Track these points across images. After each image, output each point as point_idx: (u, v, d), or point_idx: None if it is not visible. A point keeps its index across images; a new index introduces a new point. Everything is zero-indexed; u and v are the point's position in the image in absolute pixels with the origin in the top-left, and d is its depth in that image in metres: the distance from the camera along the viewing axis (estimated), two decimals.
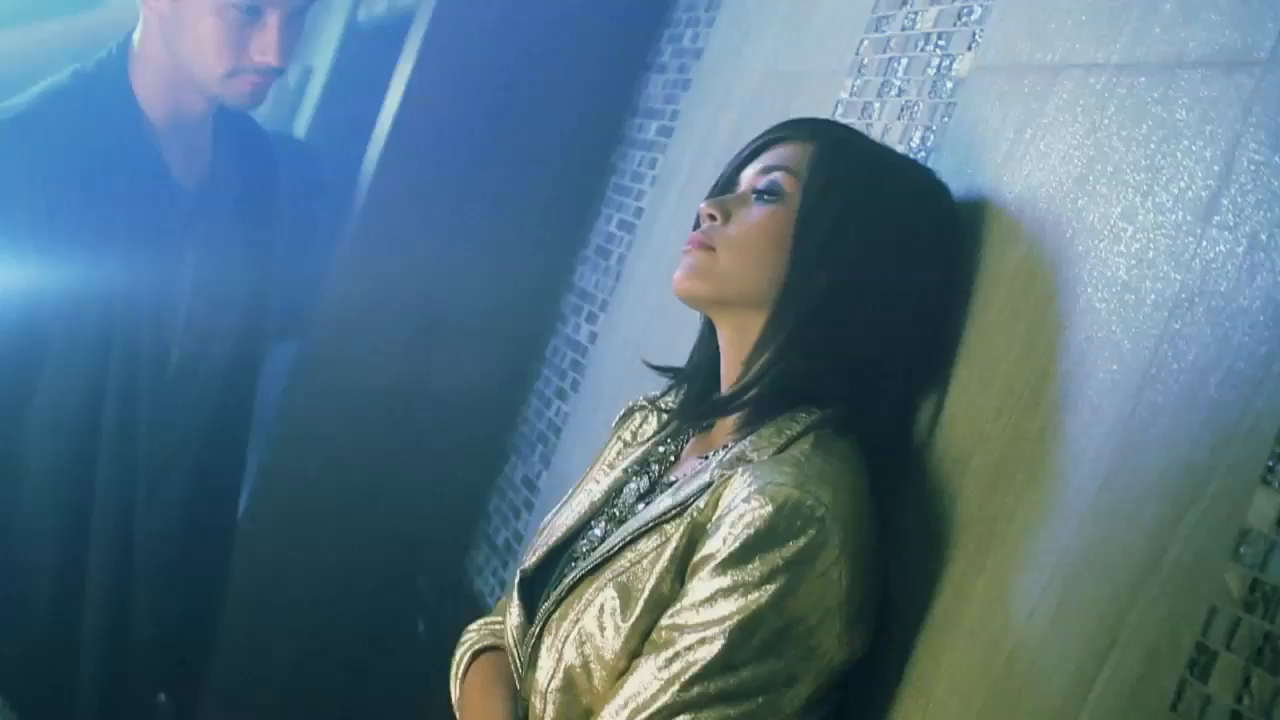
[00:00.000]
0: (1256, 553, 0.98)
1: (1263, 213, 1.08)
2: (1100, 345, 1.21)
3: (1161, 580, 1.05)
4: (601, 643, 1.30)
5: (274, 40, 1.86)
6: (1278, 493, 0.98)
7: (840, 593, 1.23)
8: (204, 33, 1.87)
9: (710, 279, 1.40)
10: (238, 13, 1.85)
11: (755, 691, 1.21)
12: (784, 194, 1.39)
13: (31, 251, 1.84)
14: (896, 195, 1.40)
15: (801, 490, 1.23)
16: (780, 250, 1.37)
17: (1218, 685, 0.97)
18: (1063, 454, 1.21)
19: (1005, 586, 1.22)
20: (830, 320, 1.35)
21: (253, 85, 1.90)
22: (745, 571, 1.22)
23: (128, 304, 1.91)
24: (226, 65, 1.88)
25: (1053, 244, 1.32)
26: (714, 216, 1.41)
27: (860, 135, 1.48)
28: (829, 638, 1.24)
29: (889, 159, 1.45)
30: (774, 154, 1.43)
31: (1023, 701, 1.14)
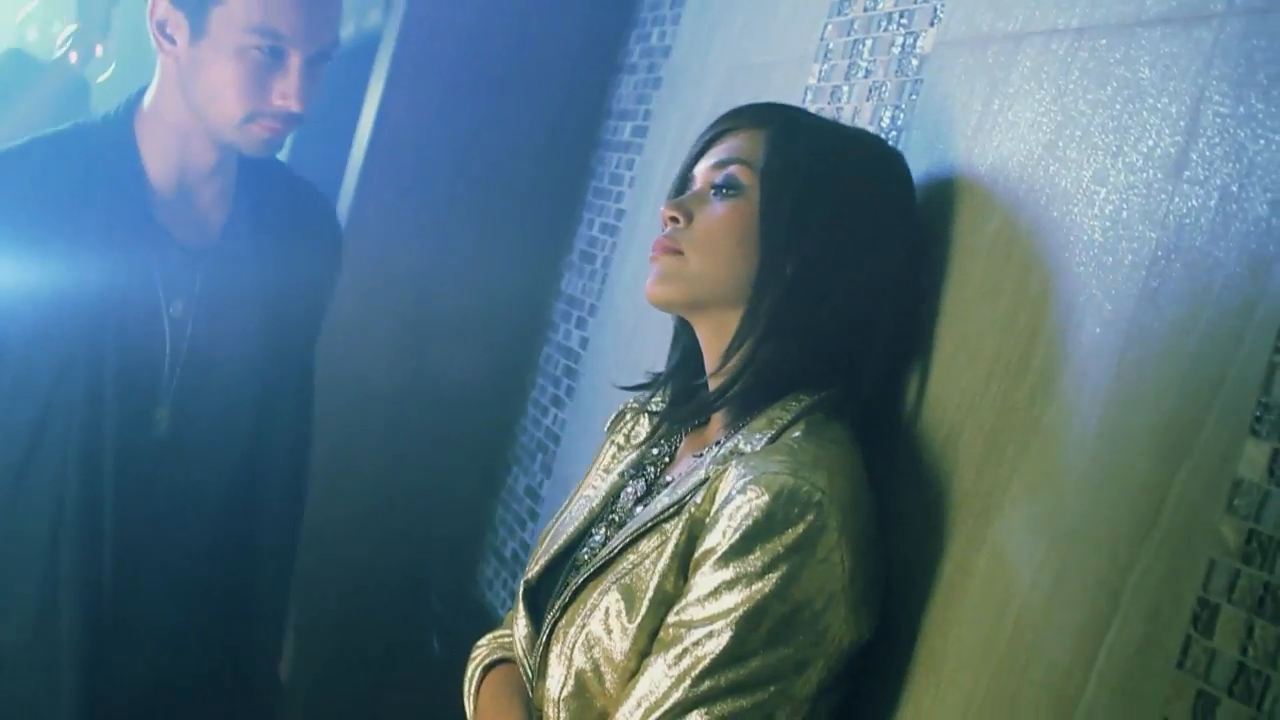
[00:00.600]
0: (1250, 503, 0.98)
1: (1231, 164, 1.08)
2: (1081, 309, 1.21)
3: (1159, 539, 1.05)
4: (610, 646, 1.30)
5: (295, 84, 1.78)
6: (1266, 442, 0.98)
7: (843, 575, 1.23)
8: (223, 76, 1.80)
9: (681, 283, 1.39)
10: (259, 55, 1.78)
11: (766, 680, 1.21)
12: (742, 187, 1.38)
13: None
14: (853, 170, 1.39)
15: (796, 477, 1.23)
16: (747, 245, 1.36)
17: (1222, 639, 0.97)
18: (1052, 420, 1.21)
19: (1005, 557, 1.22)
20: (805, 306, 1.35)
21: (270, 131, 1.82)
22: (747, 562, 1.22)
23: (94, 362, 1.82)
24: (245, 109, 1.80)
25: (1028, 212, 1.32)
26: (676, 219, 1.40)
27: (808, 114, 1.46)
28: (836, 621, 1.24)
29: (840, 134, 1.44)
30: (726, 146, 1.42)
31: (1030, 671, 1.14)
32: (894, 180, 1.43)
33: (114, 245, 1.84)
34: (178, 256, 1.88)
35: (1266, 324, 1.00)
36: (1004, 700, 1.16)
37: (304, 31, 1.78)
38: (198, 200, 1.91)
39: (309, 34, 1.78)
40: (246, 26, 1.77)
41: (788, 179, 1.36)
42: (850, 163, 1.39)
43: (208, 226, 1.92)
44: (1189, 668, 0.99)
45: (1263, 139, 1.05)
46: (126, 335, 1.84)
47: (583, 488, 1.54)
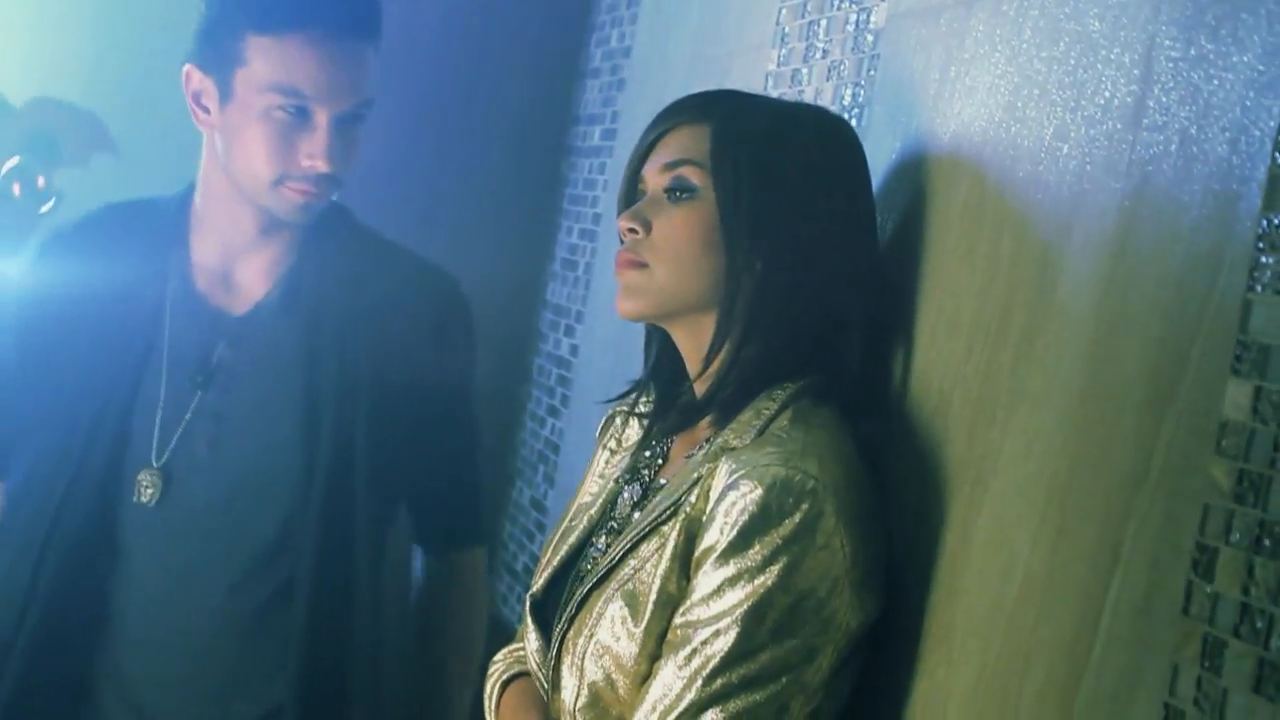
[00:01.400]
0: (1238, 443, 0.98)
1: (1188, 108, 1.08)
2: (1055, 267, 1.21)
3: (1152, 488, 1.05)
4: (619, 652, 1.30)
5: (322, 143, 1.73)
6: (1248, 380, 0.97)
7: (845, 559, 1.23)
8: (251, 139, 1.75)
9: (650, 295, 1.37)
10: (284, 115, 1.73)
11: (777, 673, 1.21)
12: (696, 189, 1.36)
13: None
14: (804, 149, 1.38)
15: (788, 467, 1.23)
16: (711, 247, 1.35)
17: (1224, 581, 0.97)
18: (1037, 381, 1.21)
19: (1005, 521, 1.22)
20: (781, 298, 1.34)
21: (303, 195, 1.76)
22: (747, 557, 1.22)
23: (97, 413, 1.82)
24: (274, 172, 1.75)
25: (994, 175, 1.32)
26: (634, 230, 1.38)
27: (748, 97, 1.44)
28: (841, 606, 1.23)
29: (784, 114, 1.41)
30: (672, 146, 1.39)
31: (1039, 631, 1.14)
32: (845, 149, 1.41)
33: (139, 307, 1.85)
34: (204, 322, 1.84)
35: (1237, 263, 1.00)
36: (1016, 663, 1.16)
37: (328, 89, 1.73)
38: (242, 268, 1.87)
39: (334, 91, 1.73)
40: (268, 86, 1.73)
41: (741, 176, 1.34)
42: (800, 143, 1.38)
43: (246, 295, 1.87)
44: (1194, 613, 0.99)
45: (1215, 79, 1.05)
46: (132, 396, 1.83)
47: (580, 496, 1.54)
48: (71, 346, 1.85)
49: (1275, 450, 0.95)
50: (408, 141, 2.91)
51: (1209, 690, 0.96)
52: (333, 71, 1.73)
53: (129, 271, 1.87)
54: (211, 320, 1.85)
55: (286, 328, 1.84)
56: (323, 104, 1.73)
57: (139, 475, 1.81)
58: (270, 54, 1.73)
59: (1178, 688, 0.99)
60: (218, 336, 1.84)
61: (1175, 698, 0.99)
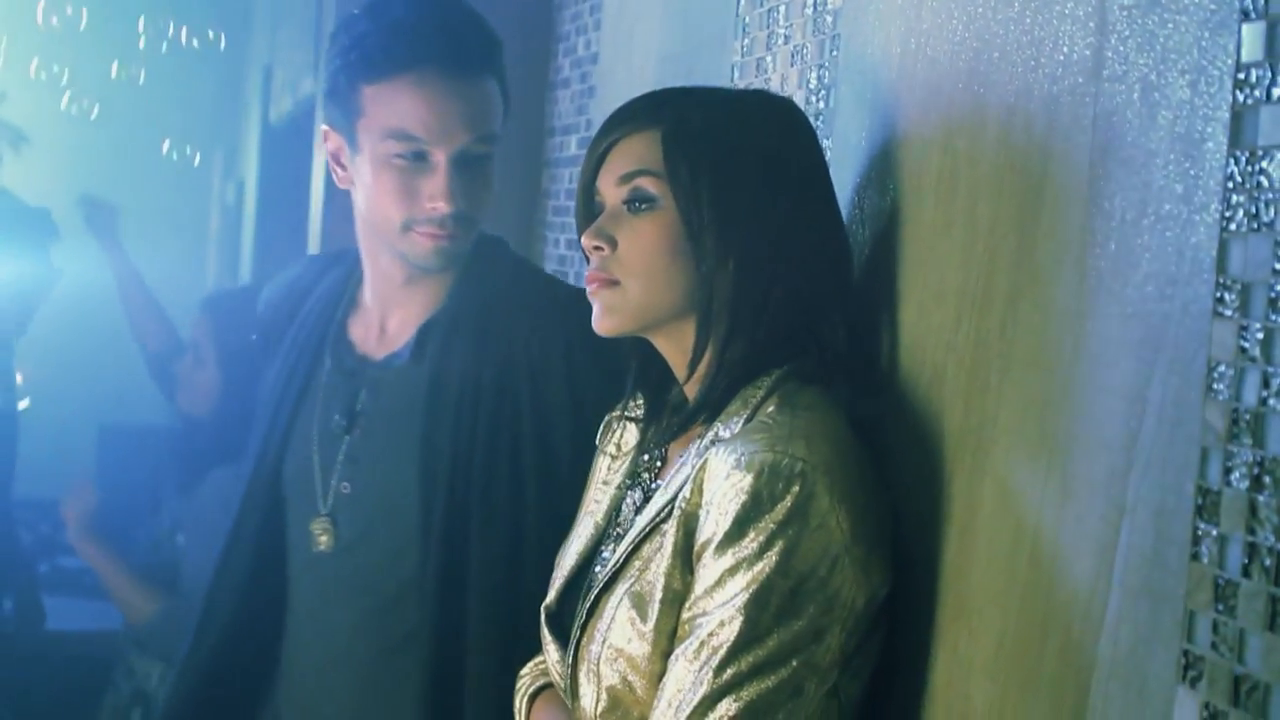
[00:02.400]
0: (1228, 384, 0.97)
1: (1146, 55, 1.07)
2: (1031, 228, 1.21)
3: (1150, 437, 1.04)
4: (633, 654, 1.30)
5: (441, 184, 1.73)
6: (1231, 320, 0.97)
7: (843, 537, 1.23)
8: (378, 187, 1.77)
9: (626, 312, 1.37)
10: (403, 161, 1.75)
11: (787, 655, 1.21)
12: (655, 198, 1.35)
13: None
14: (756, 139, 1.37)
15: (774, 452, 1.23)
16: (679, 255, 1.34)
17: (1228, 523, 0.96)
18: (1026, 343, 1.20)
19: (1009, 486, 1.21)
20: (756, 292, 1.34)
21: (433, 239, 1.77)
22: (743, 545, 1.22)
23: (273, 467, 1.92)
24: (401, 217, 1.77)
25: (964, 143, 1.32)
26: (600, 248, 1.37)
27: (691, 92, 1.42)
28: (844, 584, 1.23)
29: (730, 104, 1.40)
30: (623, 156, 1.38)
31: (1055, 593, 1.14)
32: (794, 129, 1.41)
33: (302, 353, 1.93)
34: (350, 367, 1.88)
35: (1208, 204, 1.00)
36: (1034, 629, 1.16)
37: (440, 131, 1.74)
38: (392, 317, 1.90)
39: (447, 132, 1.74)
40: (385, 133, 1.75)
41: (698, 178, 1.33)
42: (751, 132, 1.37)
43: (390, 344, 1.89)
44: (1203, 558, 0.98)
45: (1170, 23, 1.05)
46: (288, 446, 1.91)
47: (586, 504, 1.54)
48: (261, 391, 1.99)
49: (1266, 388, 0.94)
50: None
51: (1225, 634, 0.96)
52: (443, 111, 1.74)
53: (306, 318, 1.96)
54: (358, 367, 1.89)
55: (412, 377, 1.85)
56: (438, 144, 1.74)
57: (311, 524, 1.87)
58: (382, 101, 1.75)
59: (1195, 634, 0.99)
60: (361, 383, 1.87)
61: (1193, 644, 0.99)
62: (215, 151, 6.63)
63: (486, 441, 1.79)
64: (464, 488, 1.79)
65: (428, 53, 1.74)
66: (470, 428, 1.80)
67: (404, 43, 1.74)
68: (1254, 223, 0.96)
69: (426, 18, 1.77)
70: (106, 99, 6.15)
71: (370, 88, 1.76)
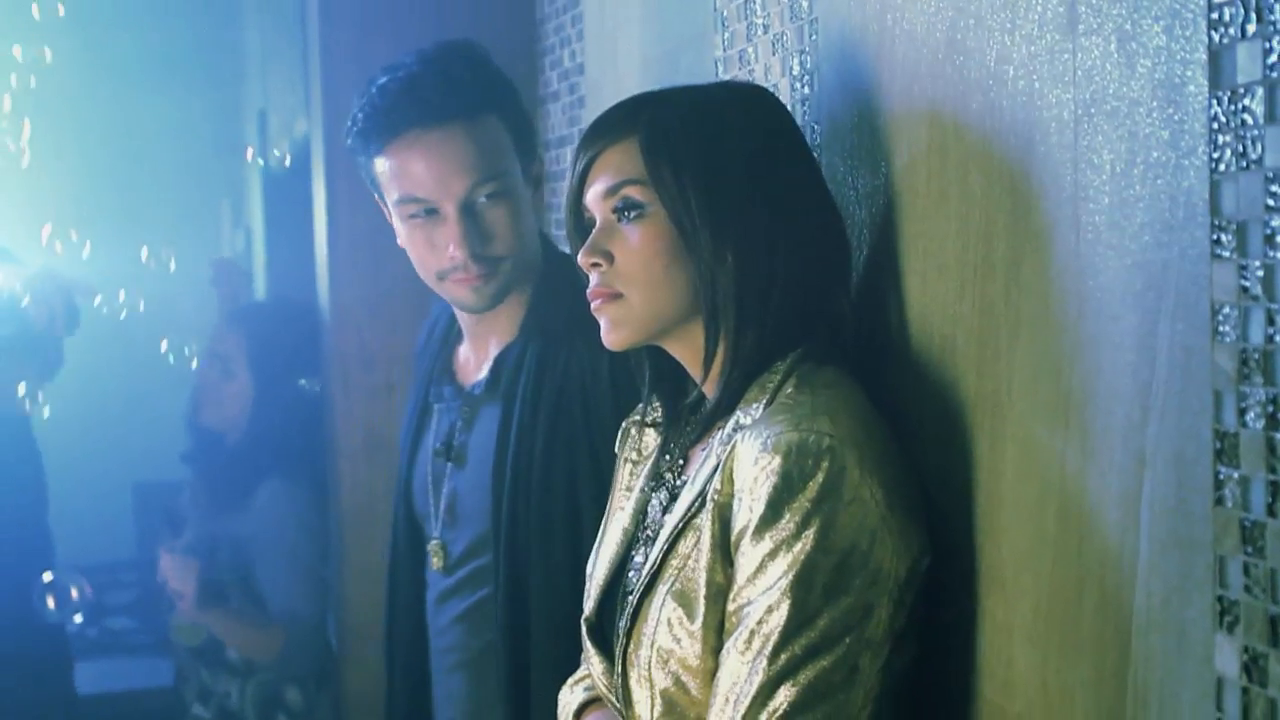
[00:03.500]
0: (1234, 326, 0.97)
1: (1119, 5, 1.07)
2: (1024, 190, 1.20)
3: (1163, 385, 1.04)
4: (683, 654, 1.30)
5: (454, 233, 1.81)
6: (1230, 261, 0.97)
7: (879, 509, 1.23)
8: (410, 248, 1.87)
9: (633, 323, 1.38)
10: (420, 219, 1.83)
11: (839, 634, 1.21)
12: (644, 206, 1.36)
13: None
14: (734, 131, 1.37)
15: (800, 430, 1.23)
16: (677, 258, 1.35)
17: (1248, 464, 0.96)
18: (1032, 305, 1.20)
19: (1029, 449, 1.21)
20: (759, 282, 1.34)
21: (465, 283, 1.84)
22: (780, 528, 1.22)
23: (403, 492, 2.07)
24: (434, 269, 1.85)
25: (949, 112, 1.32)
26: (598, 264, 1.38)
27: (663, 94, 1.42)
28: (885, 555, 1.23)
29: (703, 100, 1.40)
30: (606, 169, 1.38)
31: (1085, 550, 1.13)
32: (770, 114, 1.41)
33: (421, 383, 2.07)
34: (450, 396, 1.99)
35: (1195, 147, 0.99)
36: (1070, 589, 1.16)
37: (437, 185, 1.81)
38: (477, 346, 1.99)
39: (443, 183, 1.80)
40: (398, 199, 1.84)
41: (683, 180, 1.34)
42: (728, 125, 1.37)
43: (475, 376, 1.99)
44: (1227, 502, 0.98)
45: None
46: (413, 471, 2.04)
47: (612, 512, 1.54)
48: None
49: (1271, 324, 0.94)
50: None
51: (1257, 575, 0.96)
52: (435, 165, 1.80)
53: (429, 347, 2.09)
54: (454, 396, 1.99)
55: (489, 407, 1.94)
56: (441, 198, 1.81)
57: (428, 545, 2.01)
58: (387, 171, 1.85)
59: (1227, 578, 0.98)
60: (457, 412, 1.98)
61: (1226, 589, 0.98)
62: (221, 200, 6.66)
63: (543, 464, 1.85)
64: (524, 509, 1.86)
65: (406, 117, 1.81)
66: (529, 452, 1.86)
67: (383, 113, 1.82)
68: (1242, 161, 0.95)
69: (404, 82, 1.83)
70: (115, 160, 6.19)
71: (377, 160, 1.86)
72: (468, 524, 1.97)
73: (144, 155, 6.26)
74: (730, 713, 1.24)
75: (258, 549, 3.08)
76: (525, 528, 1.85)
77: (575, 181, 1.42)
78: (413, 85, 1.82)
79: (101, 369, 3.90)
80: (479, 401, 1.95)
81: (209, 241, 6.65)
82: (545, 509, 1.85)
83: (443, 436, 1.99)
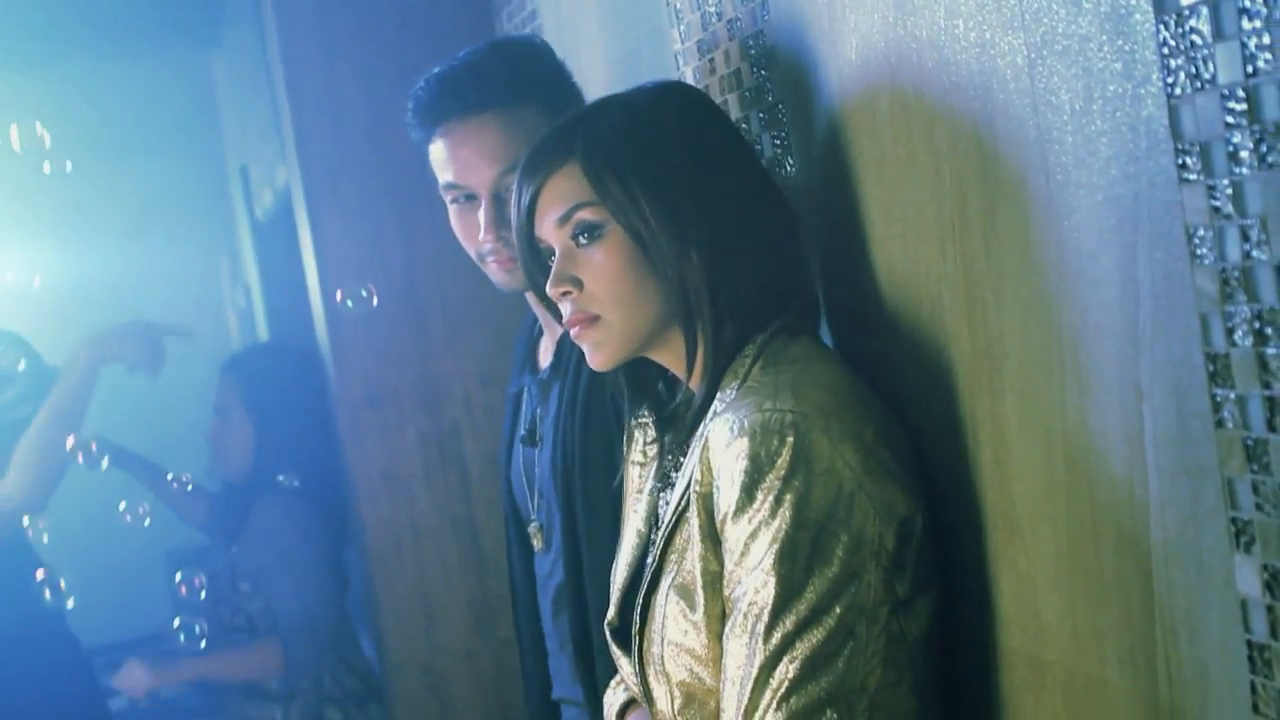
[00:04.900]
0: (1211, 247, 0.96)
1: None
2: (989, 141, 1.20)
3: (1149, 315, 1.04)
4: (692, 645, 1.31)
5: (485, 219, 1.87)
6: (1198, 183, 0.96)
7: (855, 475, 1.23)
8: (456, 231, 1.95)
9: (614, 342, 1.38)
10: (459, 204, 1.90)
11: (828, 603, 1.21)
12: (599, 225, 1.36)
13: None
14: (669, 131, 1.38)
15: (762, 411, 1.25)
16: (643, 270, 1.35)
17: (1242, 383, 0.96)
18: (1012, 255, 1.20)
19: (1029, 397, 1.21)
20: (729, 271, 1.35)
21: (499, 266, 1.90)
22: (755, 509, 1.23)
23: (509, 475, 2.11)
24: (474, 252, 1.92)
25: (906, 74, 1.32)
26: (568, 292, 1.38)
27: (591, 113, 1.42)
28: (866, 521, 1.23)
29: (627, 106, 1.40)
30: (553, 198, 1.38)
31: (1096, 491, 1.13)
32: (696, 105, 1.42)
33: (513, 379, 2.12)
34: (530, 384, 2.05)
35: (1149, 75, 0.99)
36: (1086, 531, 1.15)
37: (468, 171, 1.87)
38: (551, 329, 2.02)
39: (475, 171, 1.87)
40: (442, 186, 1.92)
41: (632, 191, 1.34)
42: (662, 127, 1.38)
43: (547, 357, 2.04)
44: (1229, 423, 0.98)
45: None
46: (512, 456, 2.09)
47: (626, 516, 1.54)
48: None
49: (1246, 241, 0.93)
50: (369, 246, 2.92)
51: (1266, 493, 0.95)
52: (466, 154, 1.87)
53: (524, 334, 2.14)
54: (532, 384, 2.05)
55: (551, 390, 1.99)
56: (475, 185, 1.88)
57: (529, 527, 2.05)
58: (432, 161, 1.93)
59: (1238, 500, 0.98)
60: (536, 399, 2.04)
61: (1238, 510, 0.98)
62: (220, 259, 6.68)
63: (583, 439, 1.90)
64: (573, 484, 1.91)
65: (443, 108, 1.88)
66: (572, 428, 1.92)
67: (425, 107, 1.91)
68: (1196, 82, 0.95)
69: (441, 77, 1.91)
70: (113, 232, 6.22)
71: (428, 150, 1.94)
72: (549, 510, 2.03)
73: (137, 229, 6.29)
74: (737, 695, 1.25)
75: (253, 562, 3.12)
76: (574, 502, 1.92)
77: (524, 216, 1.42)
78: (449, 79, 1.89)
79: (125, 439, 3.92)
80: (548, 384, 2.01)
81: (214, 304, 6.67)
82: (588, 482, 1.90)
83: (526, 422, 2.06)
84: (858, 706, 1.22)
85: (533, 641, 2.13)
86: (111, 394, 3.38)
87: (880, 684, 1.23)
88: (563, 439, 1.92)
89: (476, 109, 1.87)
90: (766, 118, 1.64)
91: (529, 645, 2.13)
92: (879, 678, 1.23)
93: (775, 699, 1.22)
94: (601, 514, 1.85)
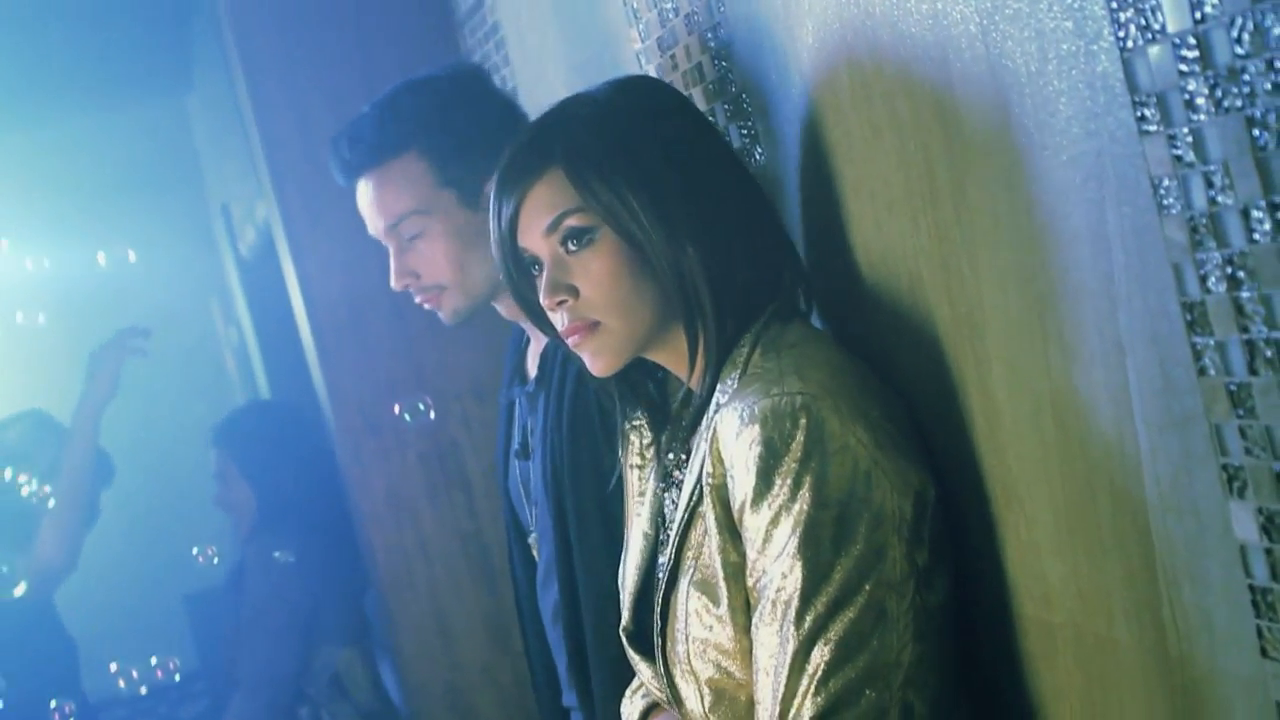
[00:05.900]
0: (1177, 196, 0.96)
1: None
2: (950, 111, 1.20)
3: (1121, 270, 1.04)
4: (718, 640, 1.30)
5: (392, 265, 1.95)
6: (1158, 134, 0.96)
7: (868, 452, 1.23)
8: None
9: (615, 349, 1.36)
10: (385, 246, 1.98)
11: (858, 583, 1.21)
12: (591, 230, 1.34)
13: None
14: (644, 125, 1.36)
15: (770, 396, 1.24)
16: (639, 272, 1.34)
17: (1220, 328, 0.95)
18: (983, 220, 1.20)
19: (1014, 363, 1.21)
20: (724, 263, 1.34)
21: (431, 305, 1.97)
22: (774, 495, 1.22)
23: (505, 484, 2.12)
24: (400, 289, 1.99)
25: (864, 51, 1.32)
26: (564, 300, 1.36)
27: (564, 118, 1.39)
28: (885, 495, 1.23)
29: (605, 108, 1.38)
30: (537, 208, 1.36)
31: (1088, 449, 1.13)
32: (668, 97, 1.42)
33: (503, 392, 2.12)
34: (519, 395, 2.05)
35: (1100, 31, 0.99)
36: (1082, 492, 1.15)
37: (368, 222, 1.97)
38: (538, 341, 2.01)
39: (372, 223, 1.97)
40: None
41: (618, 192, 1.32)
42: (638, 123, 1.36)
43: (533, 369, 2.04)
44: (1210, 370, 0.97)
45: None
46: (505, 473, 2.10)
47: (630, 519, 1.53)
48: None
49: (1210, 187, 0.93)
50: (351, 270, 2.91)
51: (1254, 436, 0.95)
52: (364, 210, 1.98)
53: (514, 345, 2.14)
54: (521, 395, 2.06)
55: (539, 403, 1.99)
56: (377, 237, 1.98)
57: (529, 539, 2.06)
58: None
59: (1227, 446, 0.98)
60: (525, 411, 2.05)
61: (1228, 456, 0.98)
62: (210, 301, 6.67)
63: (570, 448, 1.89)
64: (561, 493, 1.91)
65: (340, 171, 1.99)
66: (558, 437, 1.91)
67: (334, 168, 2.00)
68: (1147, 34, 0.95)
69: (332, 145, 1.99)
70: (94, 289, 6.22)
71: None
72: (543, 522, 2.02)
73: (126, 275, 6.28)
74: (772, 685, 1.24)
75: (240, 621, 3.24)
76: (565, 514, 1.91)
77: (506, 229, 1.39)
78: (337, 142, 1.97)
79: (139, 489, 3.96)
80: (535, 395, 2.01)
81: (210, 346, 6.67)
82: (578, 492, 1.89)
83: (519, 435, 2.07)
84: (894, 683, 1.22)
85: (541, 652, 2.12)
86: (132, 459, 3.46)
87: (912, 658, 1.23)
88: (551, 450, 1.92)
89: (357, 171, 1.97)
90: (731, 109, 1.64)
91: (537, 655, 2.13)
92: (911, 652, 1.23)
93: (813, 684, 1.22)
94: (592, 523, 1.84)
